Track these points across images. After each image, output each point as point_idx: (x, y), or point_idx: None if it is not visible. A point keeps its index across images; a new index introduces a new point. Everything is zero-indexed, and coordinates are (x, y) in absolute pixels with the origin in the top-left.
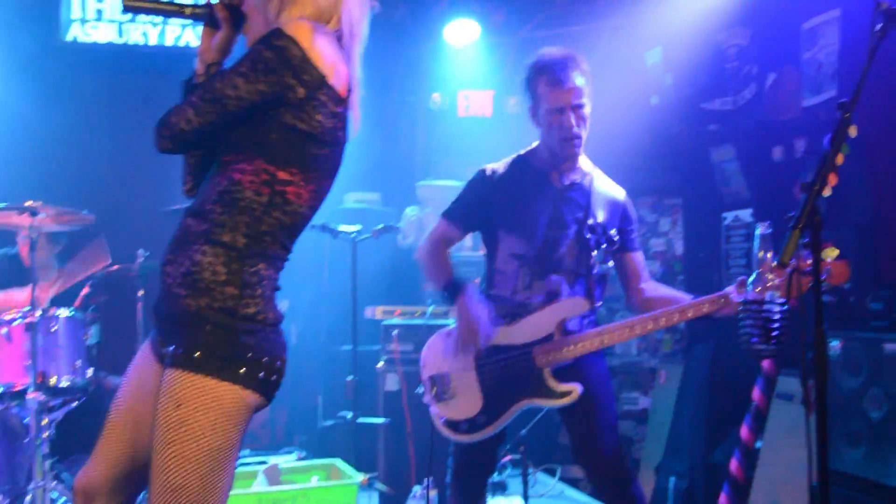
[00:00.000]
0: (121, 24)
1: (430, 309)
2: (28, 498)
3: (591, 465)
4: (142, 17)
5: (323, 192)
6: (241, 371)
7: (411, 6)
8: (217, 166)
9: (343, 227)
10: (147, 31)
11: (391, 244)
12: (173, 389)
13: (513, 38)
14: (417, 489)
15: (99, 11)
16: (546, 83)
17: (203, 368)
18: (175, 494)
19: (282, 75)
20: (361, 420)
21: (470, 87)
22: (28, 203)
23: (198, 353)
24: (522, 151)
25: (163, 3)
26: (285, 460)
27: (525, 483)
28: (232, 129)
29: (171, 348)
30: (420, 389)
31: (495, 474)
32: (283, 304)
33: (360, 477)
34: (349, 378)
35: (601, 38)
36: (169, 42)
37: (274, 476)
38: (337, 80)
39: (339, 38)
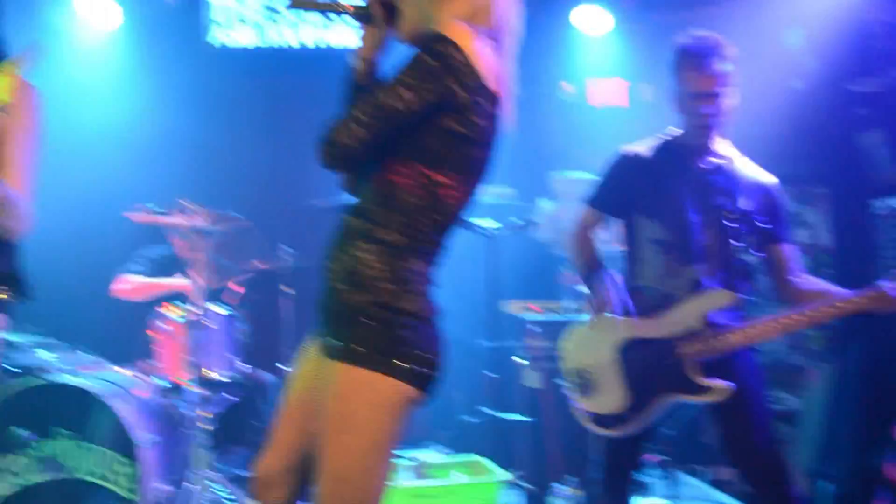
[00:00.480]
0: (261, 27)
1: (569, 304)
2: (188, 485)
3: (744, 465)
4: (282, 18)
5: (475, 191)
6: (399, 364)
7: None
8: (377, 168)
9: (480, 223)
10: (285, 33)
11: (527, 238)
12: (336, 382)
13: (646, 24)
14: (559, 486)
15: (239, 16)
16: (687, 68)
17: (363, 362)
18: (339, 483)
19: (445, 81)
20: (502, 416)
21: (603, 75)
22: (183, 204)
23: (357, 347)
24: (665, 134)
25: (323, 2)
26: (430, 455)
27: (669, 485)
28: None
29: (335, 342)
30: (561, 382)
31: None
32: None
33: (505, 475)
34: (488, 374)
35: (736, 20)
36: (307, 43)
37: (420, 471)
38: (492, 80)
39: (492, 37)
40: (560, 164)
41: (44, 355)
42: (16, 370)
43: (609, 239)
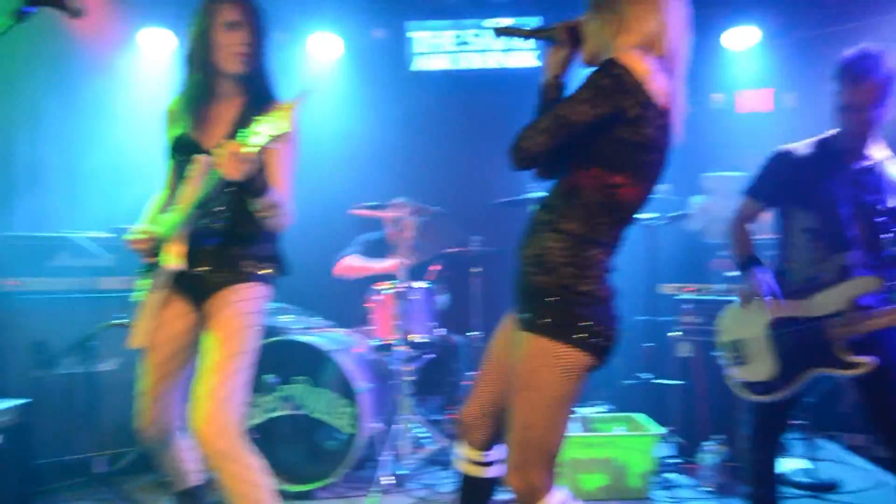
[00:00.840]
0: (453, 54)
1: (721, 286)
2: (398, 425)
3: (885, 433)
4: (470, 47)
5: (649, 191)
6: (577, 336)
7: (693, 17)
8: (564, 169)
9: (641, 215)
10: (472, 59)
11: (681, 229)
12: (524, 348)
13: (791, 38)
14: (709, 444)
15: (436, 46)
16: (847, 81)
17: (547, 333)
18: (525, 431)
19: (619, 98)
20: (658, 381)
21: (750, 86)
22: (393, 200)
23: (543, 320)
24: (823, 135)
25: (523, 30)
26: (594, 411)
27: (808, 447)
28: (574, 143)
29: (524, 315)
30: (717, 353)
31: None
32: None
33: (660, 430)
34: (646, 344)
35: (880, 35)
36: (491, 66)
37: (586, 424)
38: (661, 97)
39: (663, 61)
40: (710, 165)
41: (284, 318)
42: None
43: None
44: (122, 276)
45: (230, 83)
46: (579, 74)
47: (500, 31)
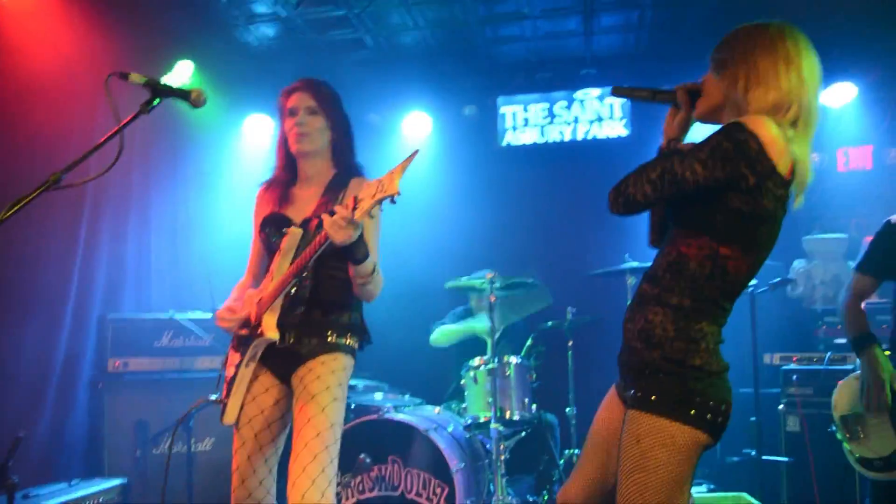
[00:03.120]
0: (542, 127)
1: (829, 355)
2: None
3: None
4: (558, 120)
5: (761, 261)
6: (692, 413)
7: None
8: (669, 238)
9: None
10: (563, 131)
11: (782, 295)
12: (634, 427)
13: (890, 92)
14: None
15: (525, 119)
16: None
17: (659, 410)
18: None
19: (737, 165)
20: (765, 458)
21: (849, 143)
22: (486, 274)
23: (654, 397)
24: None
25: (640, 89)
26: (696, 491)
27: None
28: (683, 207)
29: (632, 392)
30: (833, 428)
31: None
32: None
33: None
34: (752, 419)
35: None
36: (580, 137)
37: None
38: (784, 166)
39: (795, 123)
40: (811, 227)
41: (377, 396)
42: (352, 407)
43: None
44: (222, 355)
45: (313, 165)
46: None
47: (619, 91)
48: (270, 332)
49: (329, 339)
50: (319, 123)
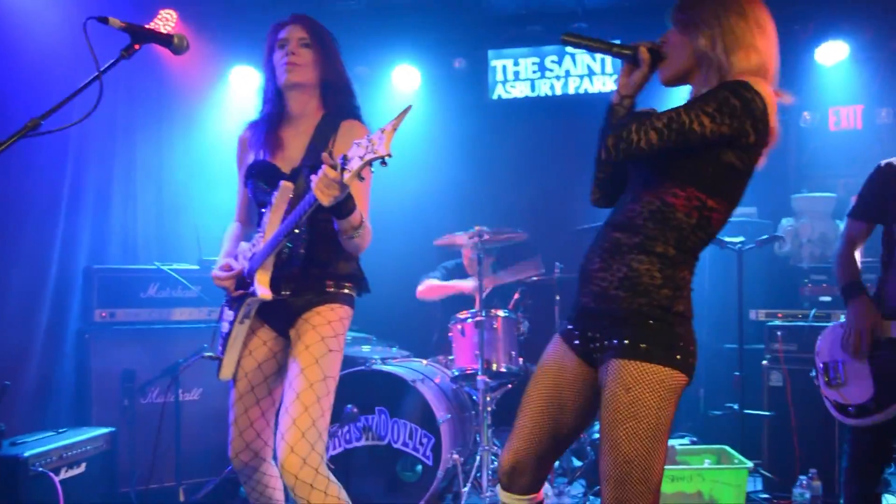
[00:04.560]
0: (533, 81)
1: (813, 312)
2: (477, 457)
3: None
4: (549, 74)
5: (732, 212)
6: (678, 357)
7: (782, 32)
8: (646, 188)
9: (728, 239)
10: (553, 84)
11: (770, 252)
12: (622, 376)
13: (881, 52)
14: (803, 479)
15: (516, 73)
16: None
17: (649, 357)
18: (628, 465)
19: (743, 122)
20: (747, 412)
21: (839, 103)
22: (475, 228)
23: (643, 345)
24: None
25: (594, 40)
26: (679, 443)
27: None
28: (674, 158)
29: (615, 342)
30: (813, 373)
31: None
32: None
33: (749, 463)
34: (736, 373)
35: None
36: (571, 91)
37: (672, 456)
38: (774, 128)
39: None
40: (800, 186)
41: (364, 348)
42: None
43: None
44: (209, 307)
45: (301, 101)
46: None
47: (570, 39)
48: (263, 291)
49: (328, 288)
50: (311, 57)
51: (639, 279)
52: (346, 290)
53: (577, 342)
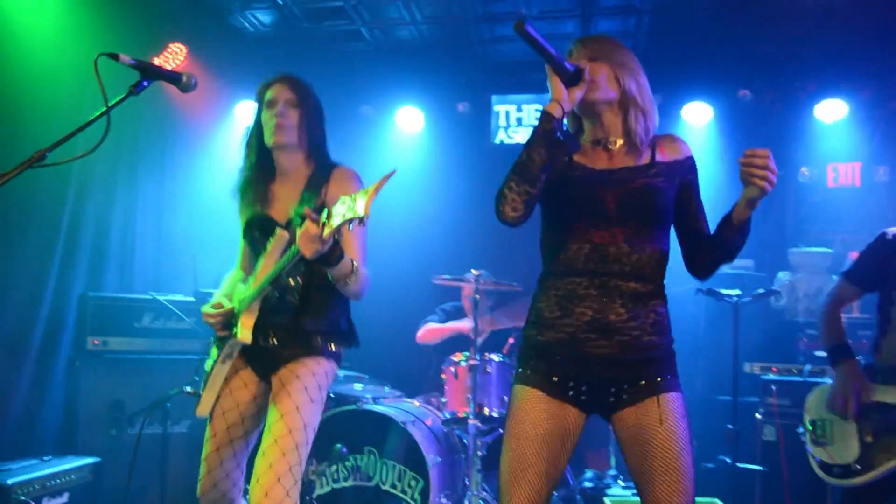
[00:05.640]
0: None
1: (808, 368)
2: (466, 502)
3: None
4: None
5: None
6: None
7: (782, 90)
8: (638, 236)
9: (725, 291)
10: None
11: (765, 306)
12: (676, 406)
13: (880, 111)
14: None
15: (519, 119)
16: None
17: (677, 388)
18: (693, 486)
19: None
20: (740, 465)
21: (838, 159)
22: (473, 272)
23: (673, 378)
24: None
25: (546, 47)
26: None
27: None
28: (671, 210)
29: (658, 380)
30: (801, 429)
31: None
32: None
33: None
34: (729, 426)
35: None
36: None
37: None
38: None
39: None
40: (797, 241)
41: (357, 387)
42: (331, 396)
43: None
44: (203, 339)
45: (289, 159)
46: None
47: (522, 30)
48: (244, 333)
49: (314, 343)
50: (297, 117)
51: (663, 321)
52: (333, 347)
53: (580, 394)
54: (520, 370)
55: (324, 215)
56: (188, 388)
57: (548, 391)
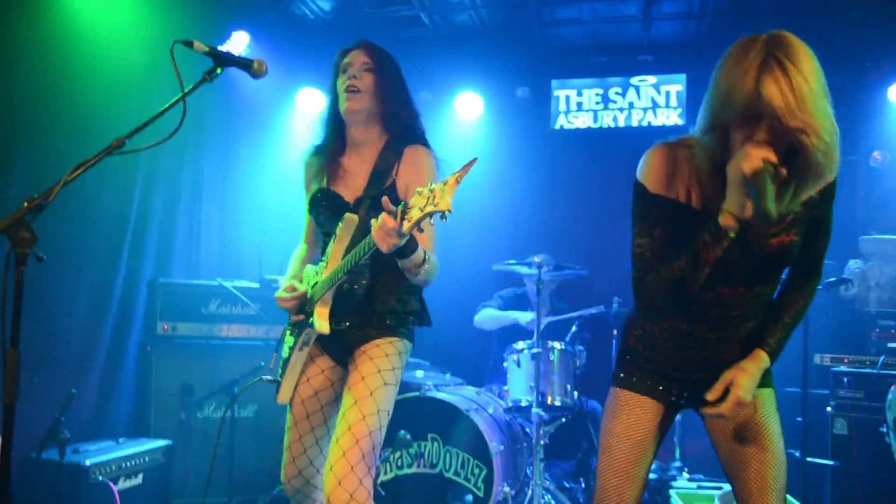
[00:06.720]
0: (596, 112)
1: (882, 359)
2: (528, 491)
3: None
4: (612, 105)
5: None
6: None
7: (853, 71)
8: (757, 280)
9: None
10: (617, 116)
11: (836, 295)
12: (773, 400)
13: None
14: None
15: (579, 103)
16: None
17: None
18: (784, 475)
19: None
20: (810, 459)
21: None
22: (535, 258)
23: (769, 374)
24: None
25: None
26: None
27: None
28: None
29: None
30: (884, 428)
31: None
32: None
33: None
34: (798, 419)
35: None
36: (634, 124)
37: (728, 500)
38: None
39: None
40: (868, 227)
41: (418, 373)
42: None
43: None
44: (267, 325)
45: (361, 130)
46: None
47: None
48: (321, 325)
49: (387, 322)
50: (373, 82)
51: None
52: (407, 325)
53: (681, 399)
54: (622, 375)
55: (401, 207)
56: (267, 377)
57: (652, 396)
